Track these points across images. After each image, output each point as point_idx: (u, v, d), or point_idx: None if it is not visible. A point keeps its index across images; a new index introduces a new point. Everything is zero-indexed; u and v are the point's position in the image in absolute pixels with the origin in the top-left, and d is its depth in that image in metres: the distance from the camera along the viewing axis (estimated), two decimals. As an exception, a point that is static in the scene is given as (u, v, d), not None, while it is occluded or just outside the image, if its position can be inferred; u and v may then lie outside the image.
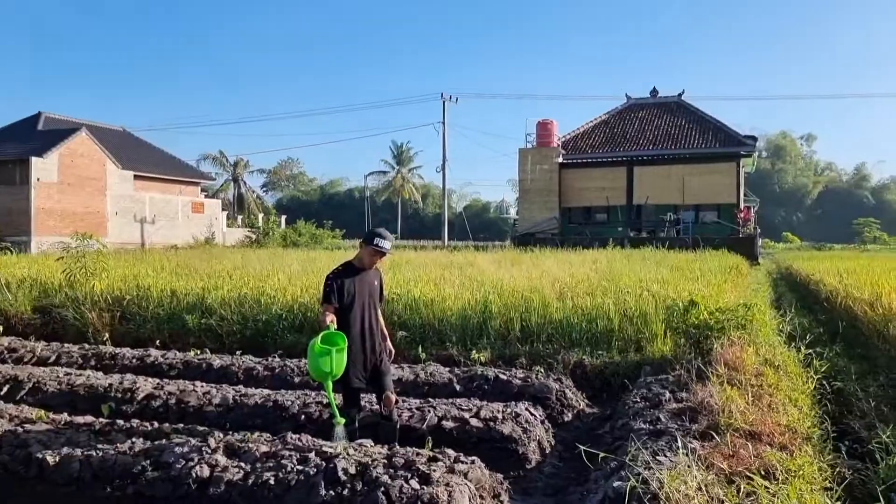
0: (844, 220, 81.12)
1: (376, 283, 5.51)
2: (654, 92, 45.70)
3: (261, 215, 56.43)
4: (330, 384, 4.94)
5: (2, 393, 7.10)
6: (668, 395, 6.11)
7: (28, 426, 5.49)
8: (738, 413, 4.89)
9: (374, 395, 5.63)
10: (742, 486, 3.64)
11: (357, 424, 5.38)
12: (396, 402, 5.63)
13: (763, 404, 5.34)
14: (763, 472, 3.83)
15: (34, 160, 35.82)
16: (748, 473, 3.79)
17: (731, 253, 24.92)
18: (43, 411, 5.90)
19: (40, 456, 4.93)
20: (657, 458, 4.27)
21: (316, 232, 48.78)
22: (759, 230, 39.67)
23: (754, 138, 40.78)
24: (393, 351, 5.87)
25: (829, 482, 4.06)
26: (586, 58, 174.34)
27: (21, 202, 35.73)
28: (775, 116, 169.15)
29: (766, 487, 3.52)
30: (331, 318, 5.01)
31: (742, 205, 38.86)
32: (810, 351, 7.21)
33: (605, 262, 16.03)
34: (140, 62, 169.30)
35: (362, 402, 5.63)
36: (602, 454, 4.36)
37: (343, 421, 5.07)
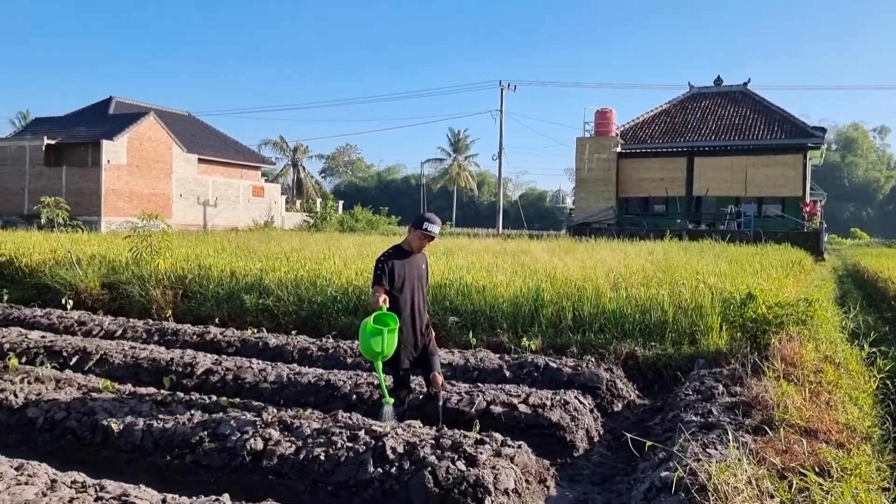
0: (919, 216, 77.62)
1: (424, 266, 5.62)
2: (718, 81, 44.44)
3: (319, 200, 57.32)
4: (380, 364, 5.04)
5: (71, 363, 7.44)
6: (721, 388, 6.00)
7: (95, 395, 5.75)
8: (793, 409, 4.78)
9: (422, 377, 5.72)
10: (795, 482, 3.57)
11: (406, 406, 5.47)
12: (443, 383, 5.70)
13: (821, 401, 5.20)
14: (817, 469, 3.74)
15: (105, 143, 37.19)
16: (801, 469, 3.72)
17: (795, 248, 24.18)
18: (109, 381, 6.17)
19: (105, 423, 5.17)
20: (707, 450, 4.22)
21: (372, 218, 49.30)
22: (825, 225, 38.34)
23: (823, 130, 39.34)
24: (433, 333, 5.96)
25: (888, 483, 3.95)
26: (649, 46, 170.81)
27: (92, 183, 37.17)
28: (847, 107, 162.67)
29: (819, 484, 3.45)
30: (383, 299, 5.12)
31: (808, 198, 37.58)
32: (874, 350, 6.96)
33: (662, 253, 15.74)
34: (205, 48, 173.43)
35: (411, 385, 5.72)
36: (650, 443, 4.32)
37: (392, 401, 5.17)
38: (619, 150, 40.28)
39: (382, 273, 5.30)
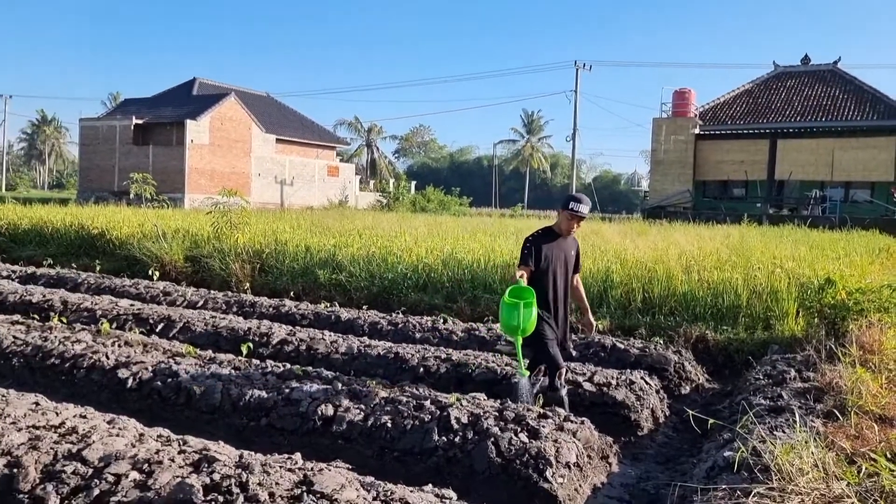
0: None
1: (573, 252, 5.49)
2: (805, 60, 42.47)
3: (392, 180, 57.92)
4: (519, 339, 4.89)
5: (157, 330, 7.88)
6: (793, 373, 5.87)
7: (178, 359, 6.09)
8: (868, 395, 4.65)
9: None
10: (864, 467, 3.50)
11: (565, 392, 5.37)
12: (566, 376, 5.60)
13: (899, 390, 5.04)
14: (889, 455, 3.65)
15: (189, 123, 38.65)
16: (872, 455, 3.64)
17: (884, 234, 23.03)
18: (191, 347, 6.51)
19: (188, 385, 5.48)
20: (773, 432, 4.16)
21: (444, 198, 49.47)
22: (918, 211, 36.31)
23: (920, 110, 37.12)
24: (594, 324, 5.92)
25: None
26: (732, 25, 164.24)
27: (176, 162, 38.72)
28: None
29: (890, 469, 3.37)
30: (521, 274, 5.03)
31: (901, 183, 35.66)
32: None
33: (738, 237, 15.31)
34: (284, 30, 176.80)
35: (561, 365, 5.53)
36: (712, 422, 4.30)
37: (527, 374, 5.12)
38: (697, 131, 39.14)
39: (529, 254, 5.22)
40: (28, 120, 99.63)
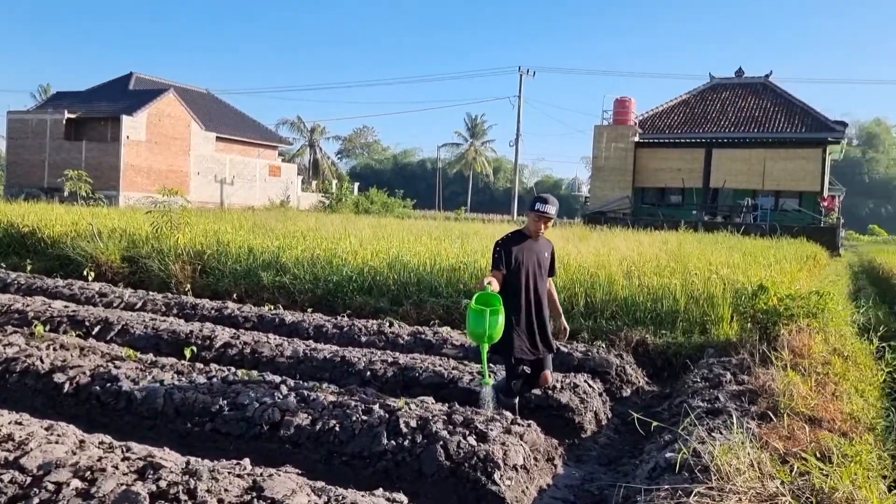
0: (939, 215, 76.87)
1: (546, 254, 5.36)
2: (739, 72, 44.07)
3: (334, 181, 57.48)
4: (485, 346, 4.84)
5: (94, 332, 7.64)
6: (728, 376, 6.10)
7: (118, 363, 5.93)
8: (799, 398, 4.87)
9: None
10: (796, 466, 3.68)
11: (518, 400, 5.36)
12: (550, 382, 5.58)
13: (827, 392, 5.29)
14: (819, 455, 3.84)
15: (125, 119, 37.52)
16: (803, 455, 3.82)
17: (811, 242, 24.07)
18: (131, 350, 6.35)
19: (129, 390, 5.35)
20: (711, 434, 4.32)
21: (387, 200, 49.44)
22: (842, 220, 38.09)
23: (844, 124, 38.93)
24: (567, 328, 5.77)
25: (888, 471, 4.04)
26: (671, 36, 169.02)
27: (111, 158, 37.55)
28: (870, 103, 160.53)
29: (819, 468, 3.55)
30: (488, 280, 4.87)
31: (826, 193, 37.33)
32: (884, 344, 7.03)
33: (676, 243, 15.77)
34: (227, 27, 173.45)
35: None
36: (655, 424, 4.44)
37: (490, 382, 5.05)
38: (636, 139, 40.13)
39: (499, 257, 5.12)
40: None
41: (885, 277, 17.64)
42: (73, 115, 39.39)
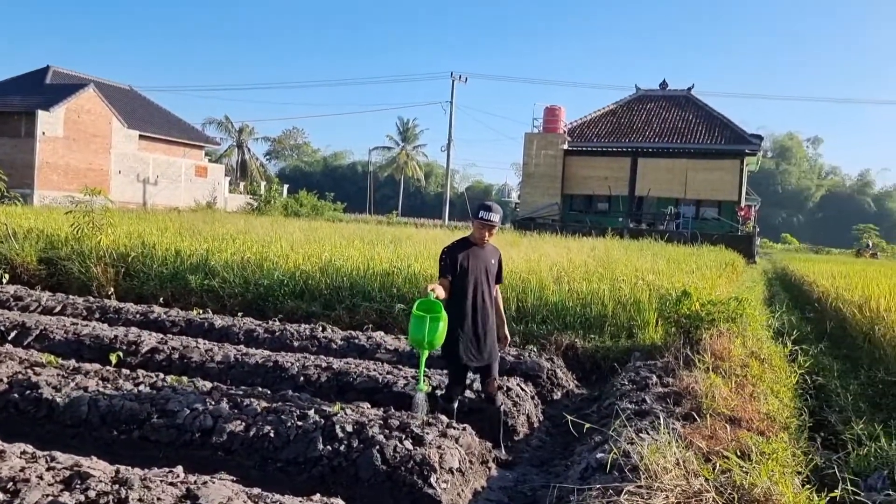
0: (845, 225, 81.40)
1: (493, 261, 5.37)
2: (663, 84, 45.63)
3: (263, 183, 56.49)
4: (424, 353, 4.90)
5: (9, 338, 7.30)
6: (654, 379, 6.33)
7: (38, 369, 5.68)
8: (720, 399, 5.11)
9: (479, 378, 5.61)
10: (718, 464, 3.86)
11: (456, 405, 5.39)
12: (500, 387, 5.61)
13: (745, 393, 5.56)
14: (739, 453, 4.04)
15: (41, 114, 35.79)
16: (725, 453, 4.01)
17: (729, 250, 25.15)
18: (52, 356, 6.10)
19: (50, 397, 5.14)
20: (640, 434, 4.48)
21: (317, 203, 48.84)
22: (758, 229, 39.89)
23: (760, 137, 40.85)
24: (509, 337, 5.77)
25: (802, 468, 4.29)
26: (600, 47, 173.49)
27: (25, 155, 35.74)
28: (783, 117, 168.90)
29: (740, 466, 3.74)
30: (432, 287, 4.88)
31: (743, 203, 39.06)
32: (797, 347, 7.43)
33: (603, 249, 16.21)
34: (150, 21, 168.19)
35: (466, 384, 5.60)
36: (587, 426, 4.57)
37: (426, 389, 5.08)
38: (566, 147, 40.99)
39: (445, 265, 5.12)
40: None
41: (796, 284, 18.60)
42: (-18, 109, 37.35)
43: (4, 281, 10.51)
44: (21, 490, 3.25)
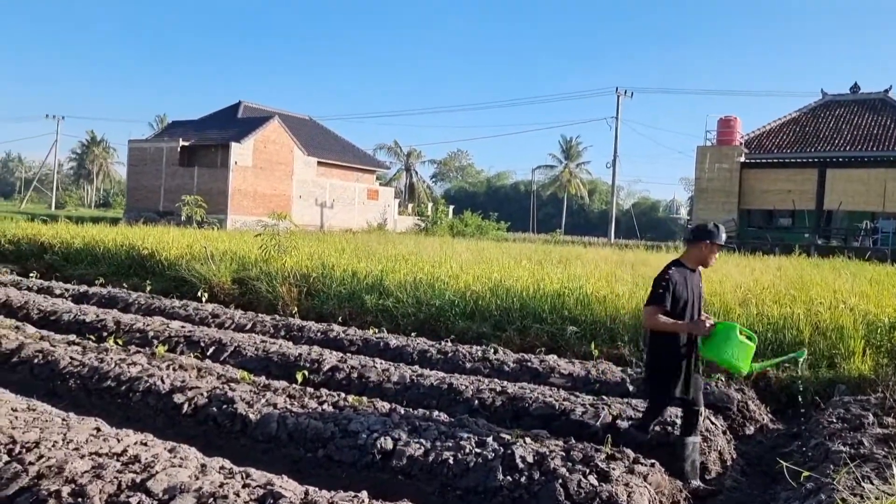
0: None
1: (702, 285, 5.10)
2: (854, 88, 41.70)
3: (430, 204, 58.13)
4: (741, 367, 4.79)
5: (208, 353, 7.88)
6: (871, 418, 5.59)
7: (233, 385, 6.04)
8: (959, 446, 4.38)
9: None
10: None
11: (650, 436, 5.23)
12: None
13: None
14: None
15: (233, 145, 39.34)
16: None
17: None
18: (245, 373, 6.47)
19: (244, 413, 5.42)
20: (861, 484, 3.93)
21: (481, 223, 49.47)
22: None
23: (977, 141, 36.05)
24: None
25: None
26: (779, 53, 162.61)
27: (220, 183, 39.37)
28: None
29: None
30: (706, 316, 4.85)
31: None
32: None
33: (792, 269, 14.89)
34: (328, 56, 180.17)
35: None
36: (789, 466, 4.07)
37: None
38: (742, 159, 38.55)
39: (665, 290, 4.74)
40: (78, 140, 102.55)
41: None
42: (186, 143, 41.64)
43: (204, 299, 11.44)
44: (220, 506, 3.38)
